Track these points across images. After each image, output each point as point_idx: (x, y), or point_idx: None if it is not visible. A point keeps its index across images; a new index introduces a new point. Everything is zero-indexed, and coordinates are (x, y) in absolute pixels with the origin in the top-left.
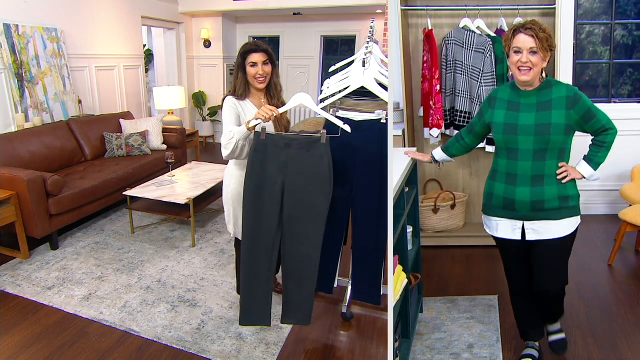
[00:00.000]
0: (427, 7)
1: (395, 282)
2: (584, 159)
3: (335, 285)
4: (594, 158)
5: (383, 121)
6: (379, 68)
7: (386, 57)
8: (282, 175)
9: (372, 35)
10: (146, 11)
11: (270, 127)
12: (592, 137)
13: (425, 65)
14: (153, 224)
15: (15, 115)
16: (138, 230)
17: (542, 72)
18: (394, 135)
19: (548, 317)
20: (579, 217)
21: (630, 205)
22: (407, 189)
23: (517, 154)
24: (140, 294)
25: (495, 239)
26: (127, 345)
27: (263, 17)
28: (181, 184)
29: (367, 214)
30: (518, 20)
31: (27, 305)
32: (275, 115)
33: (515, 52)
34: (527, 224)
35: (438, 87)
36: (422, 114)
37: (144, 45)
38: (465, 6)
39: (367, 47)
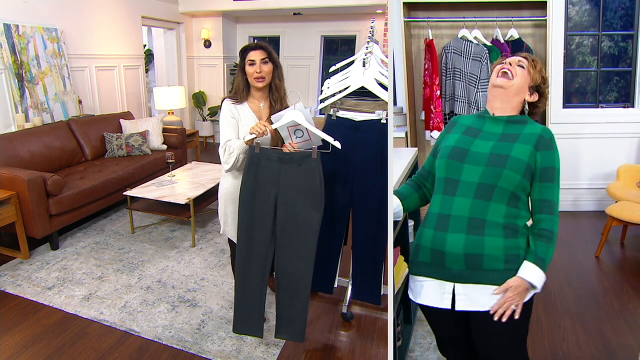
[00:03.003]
0: (428, 19)
1: (397, 272)
2: (528, 258)
3: (335, 285)
4: (545, 255)
5: (383, 121)
6: (379, 68)
7: (386, 57)
8: (275, 188)
9: (372, 35)
10: (146, 11)
11: (267, 138)
12: (534, 227)
13: (426, 72)
14: (153, 224)
15: (15, 115)
16: (138, 230)
17: (523, 106)
18: (398, 137)
19: None
20: None
21: (616, 202)
22: None
23: (457, 186)
24: (140, 294)
25: (422, 307)
26: (127, 345)
27: (263, 17)
28: (181, 184)
29: (367, 213)
30: (512, 30)
31: (27, 305)
32: (268, 130)
33: (501, 63)
34: (459, 287)
35: (438, 92)
36: (423, 118)
37: (144, 45)
38: (464, 18)
39: (367, 47)
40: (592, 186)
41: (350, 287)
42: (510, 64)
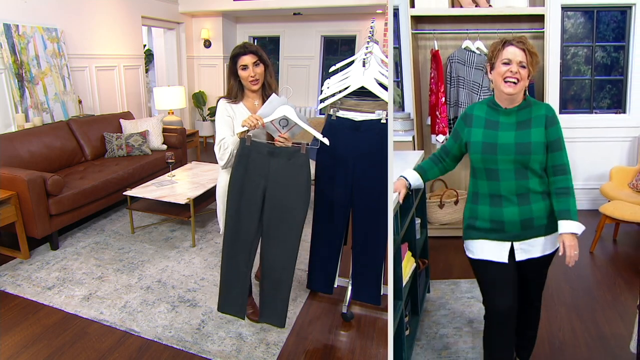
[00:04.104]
0: (434, 31)
1: (405, 266)
2: (560, 218)
3: (335, 285)
4: (569, 207)
5: (383, 121)
6: (379, 68)
7: (386, 57)
8: (264, 181)
9: (372, 35)
10: (146, 11)
11: (263, 133)
12: (552, 187)
13: (432, 80)
14: (153, 224)
15: (15, 115)
16: (138, 230)
17: (525, 91)
18: (405, 141)
19: (523, 349)
20: None
21: (609, 201)
22: None
23: (498, 174)
24: (140, 294)
25: (477, 263)
26: (127, 345)
27: (263, 17)
28: (181, 184)
29: (367, 213)
30: None
31: (27, 305)
32: (260, 123)
33: (504, 63)
34: (516, 244)
35: (443, 99)
36: (429, 123)
37: (144, 45)
38: (467, 30)
39: (367, 47)
40: (587, 186)
41: (350, 287)
42: (516, 72)
